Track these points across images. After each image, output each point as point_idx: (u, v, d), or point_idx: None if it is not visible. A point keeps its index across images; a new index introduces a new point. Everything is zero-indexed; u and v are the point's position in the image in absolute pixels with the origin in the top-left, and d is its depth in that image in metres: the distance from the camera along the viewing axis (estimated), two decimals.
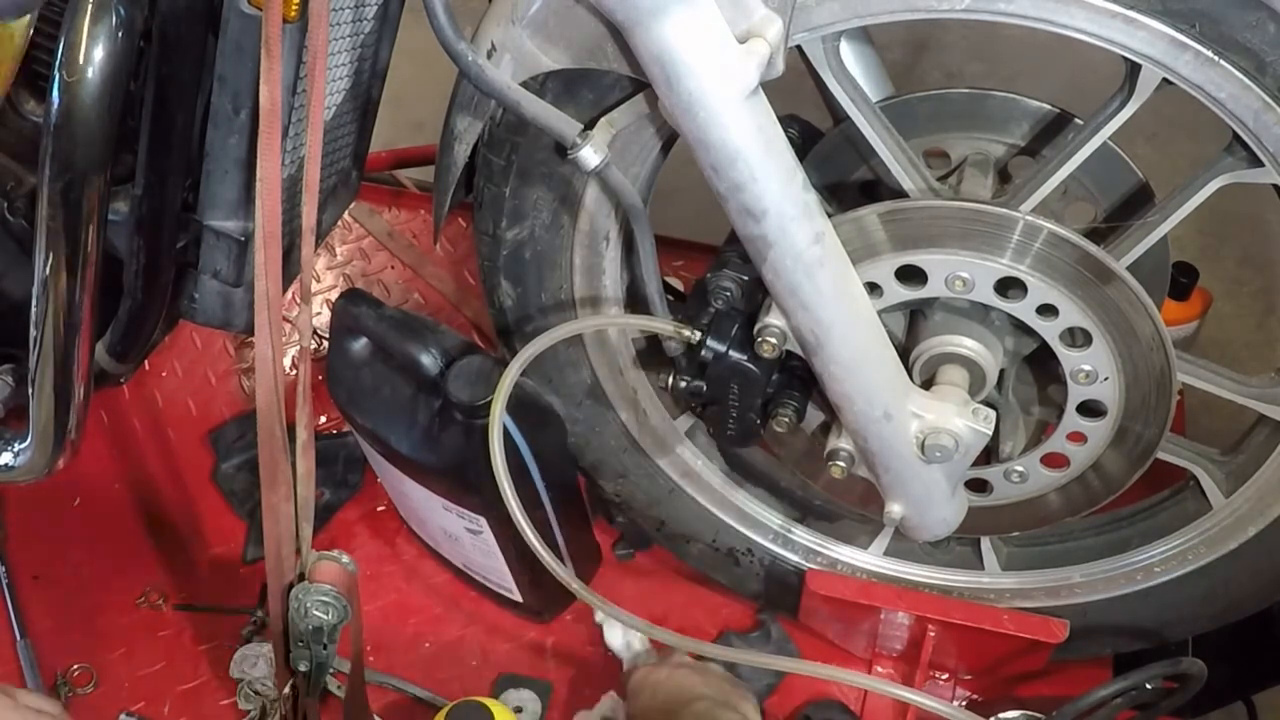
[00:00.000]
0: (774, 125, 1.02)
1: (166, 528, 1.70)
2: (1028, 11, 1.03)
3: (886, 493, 1.24)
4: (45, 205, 1.10)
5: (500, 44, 1.09)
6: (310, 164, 1.09)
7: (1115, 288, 1.14)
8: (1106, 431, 1.24)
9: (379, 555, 1.67)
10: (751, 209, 1.02)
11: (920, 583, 1.47)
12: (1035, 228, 1.13)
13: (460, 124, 1.21)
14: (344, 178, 1.39)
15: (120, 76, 1.07)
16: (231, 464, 1.74)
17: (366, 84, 1.31)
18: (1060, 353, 1.19)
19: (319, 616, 1.23)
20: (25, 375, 1.21)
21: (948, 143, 1.30)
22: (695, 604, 1.61)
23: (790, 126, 1.24)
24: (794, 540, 1.50)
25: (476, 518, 1.43)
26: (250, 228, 1.17)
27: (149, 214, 1.17)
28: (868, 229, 1.17)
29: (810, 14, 1.07)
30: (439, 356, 1.35)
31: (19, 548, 1.66)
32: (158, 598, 1.63)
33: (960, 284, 1.16)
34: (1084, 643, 1.42)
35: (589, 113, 1.15)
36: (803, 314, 1.10)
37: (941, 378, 1.21)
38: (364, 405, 1.41)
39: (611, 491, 1.52)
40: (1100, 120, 1.12)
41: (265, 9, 1.04)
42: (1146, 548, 1.37)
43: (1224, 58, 1.01)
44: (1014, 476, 1.30)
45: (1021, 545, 1.46)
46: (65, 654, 1.57)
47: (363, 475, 1.72)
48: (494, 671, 1.56)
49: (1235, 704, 1.55)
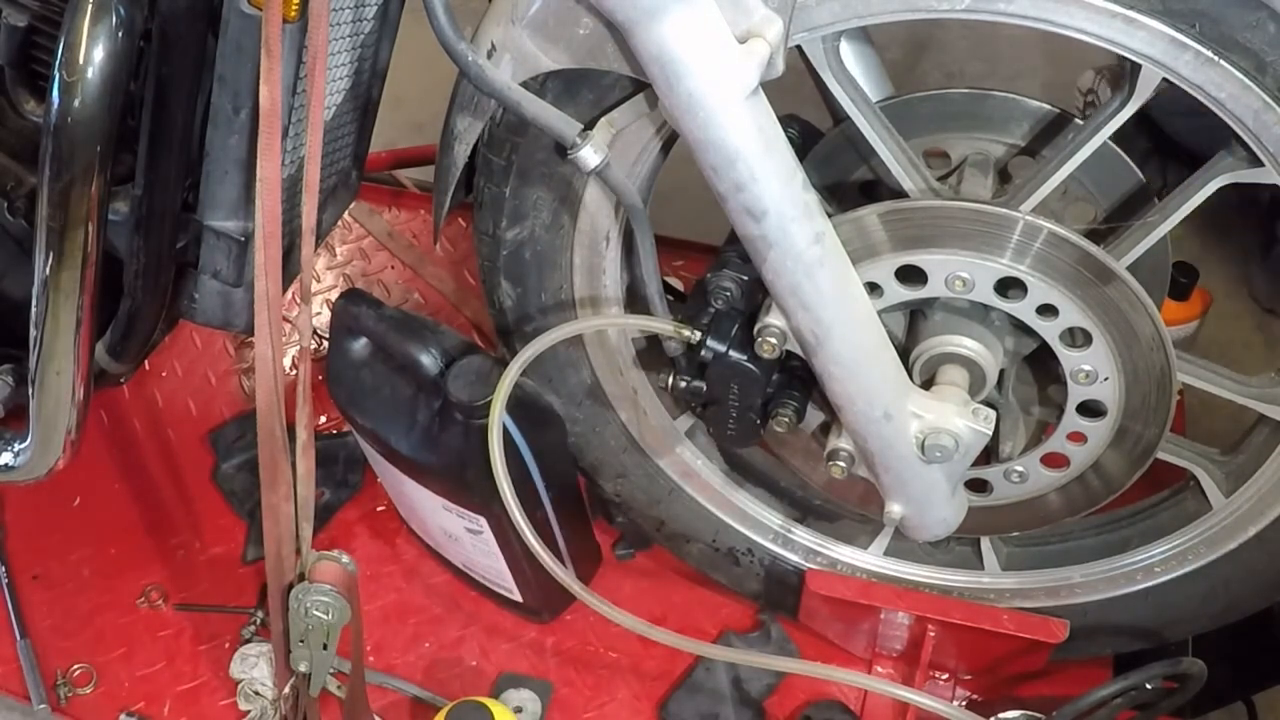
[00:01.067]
0: (774, 125, 1.02)
1: (166, 528, 1.70)
2: (1028, 11, 1.03)
3: (886, 493, 1.24)
4: (45, 205, 1.10)
5: (500, 44, 1.09)
6: (310, 164, 1.09)
7: (1115, 288, 1.14)
8: (1106, 432, 1.24)
9: (379, 555, 1.67)
10: (751, 209, 1.02)
11: (920, 583, 1.47)
12: (1035, 228, 1.13)
13: (460, 124, 1.21)
14: (344, 178, 1.39)
15: (120, 76, 1.07)
16: (231, 464, 1.74)
17: (366, 84, 1.31)
18: (1060, 353, 1.19)
19: (319, 616, 1.23)
20: (25, 375, 1.21)
21: (948, 143, 1.30)
22: (695, 604, 1.61)
23: (790, 126, 1.24)
24: (794, 540, 1.50)
25: (476, 518, 1.43)
26: (250, 228, 1.17)
27: (149, 214, 1.17)
28: (868, 229, 1.17)
29: (810, 14, 1.07)
30: (439, 356, 1.35)
31: (19, 548, 1.66)
32: (158, 598, 1.63)
33: (960, 284, 1.16)
34: (1084, 643, 1.42)
35: (589, 113, 1.15)
36: (803, 314, 1.10)
37: (941, 378, 1.21)
38: (364, 405, 1.41)
39: (611, 491, 1.52)
40: (1100, 120, 1.12)
41: (265, 9, 1.04)
42: (1146, 548, 1.37)
43: (1224, 58, 1.01)
44: (1014, 476, 1.30)
45: (1021, 545, 1.46)
46: (65, 654, 1.57)
47: (363, 475, 1.73)
48: (494, 671, 1.56)
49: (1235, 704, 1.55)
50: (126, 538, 1.68)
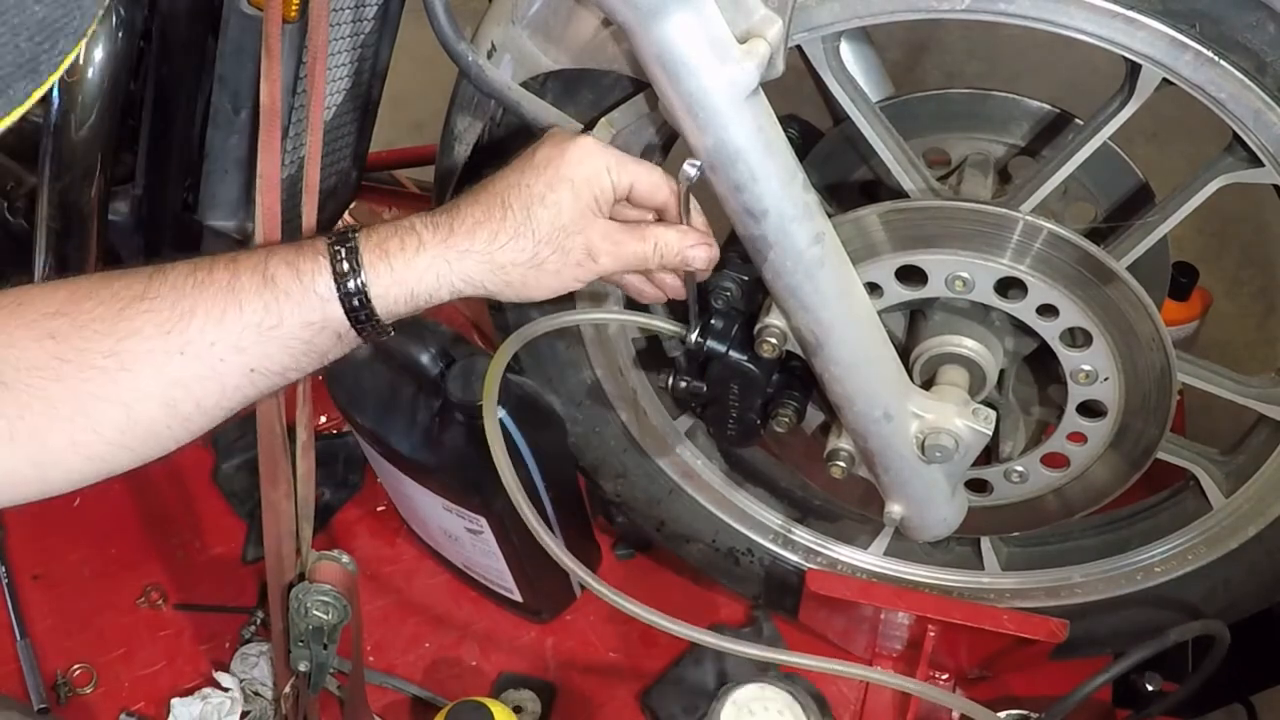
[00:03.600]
0: (774, 125, 1.01)
1: (166, 528, 1.70)
2: (1028, 11, 1.03)
3: (886, 493, 1.24)
4: (45, 205, 1.11)
5: (500, 44, 1.09)
6: (310, 164, 1.09)
7: (1115, 288, 1.14)
8: (1107, 432, 1.24)
9: (379, 555, 1.67)
10: (751, 209, 1.02)
11: (920, 583, 1.47)
12: (1035, 228, 1.13)
13: (460, 124, 1.21)
14: (344, 178, 1.39)
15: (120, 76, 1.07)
16: (231, 464, 1.74)
17: (366, 84, 1.31)
18: (1060, 353, 1.19)
19: (319, 616, 1.23)
20: None
21: (948, 143, 1.30)
22: (695, 604, 1.61)
23: (790, 126, 1.24)
24: (794, 540, 1.50)
25: (476, 518, 1.43)
26: (250, 228, 1.17)
27: (149, 214, 1.17)
28: (868, 229, 1.17)
29: (810, 14, 1.07)
30: (439, 356, 1.35)
31: (19, 548, 1.66)
32: (158, 598, 1.63)
33: (960, 284, 1.16)
34: (1084, 643, 1.42)
35: (589, 113, 1.14)
36: (803, 314, 1.09)
37: (941, 378, 1.21)
38: (364, 405, 1.41)
39: (611, 491, 1.52)
40: (1100, 120, 1.12)
41: (265, 9, 1.04)
42: (1146, 548, 1.37)
43: (1224, 58, 1.01)
44: (1014, 477, 1.30)
45: (1021, 545, 1.46)
46: (65, 654, 1.57)
47: (363, 475, 1.73)
48: (494, 671, 1.56)
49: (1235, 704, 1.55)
50: (126, 538, 1.68)
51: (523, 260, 0.97)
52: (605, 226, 1.00)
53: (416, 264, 0.95)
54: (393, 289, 0.95)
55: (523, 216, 0.96)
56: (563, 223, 0.97)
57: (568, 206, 0.97)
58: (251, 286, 0.92)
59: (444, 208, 0.98)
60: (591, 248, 0.99)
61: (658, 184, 1.01)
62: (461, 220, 0.97)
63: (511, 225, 0.96)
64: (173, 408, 0.93)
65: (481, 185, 0.99)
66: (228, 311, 0.91)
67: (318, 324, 0.94)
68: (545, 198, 0.97)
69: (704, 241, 1.04)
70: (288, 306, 0.92)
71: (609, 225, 1.00)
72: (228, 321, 0.91)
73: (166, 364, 0.91)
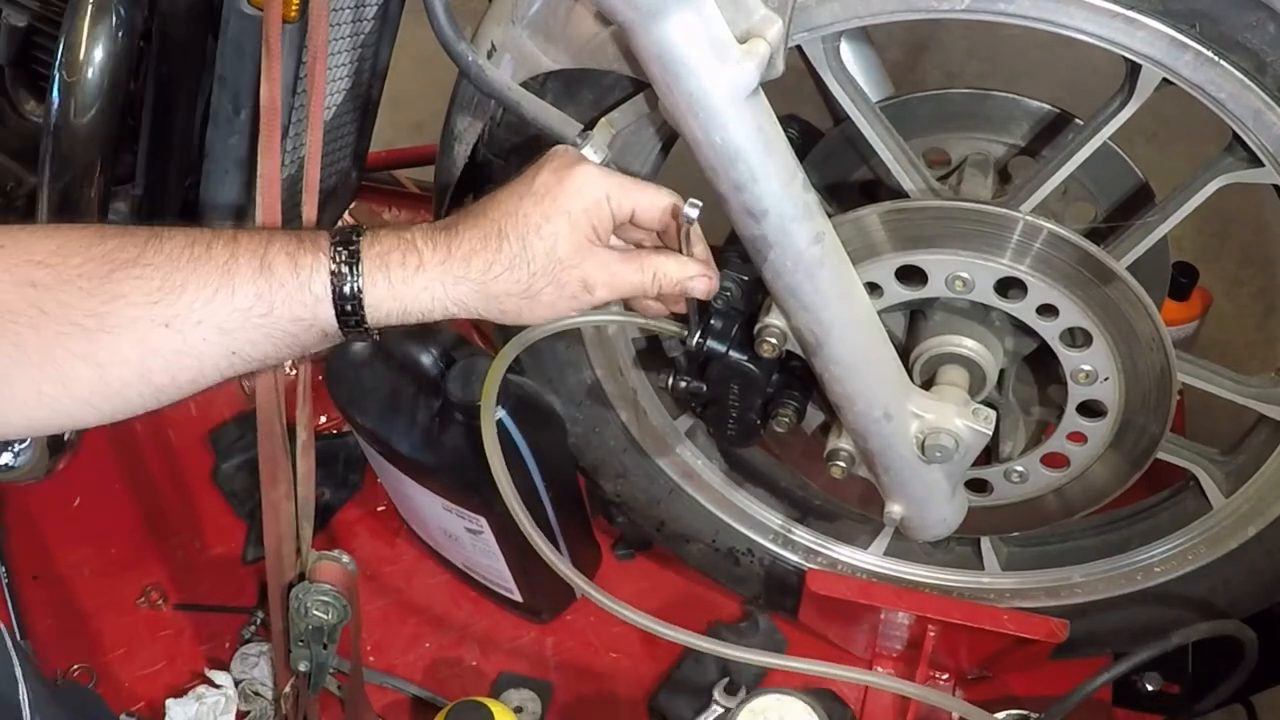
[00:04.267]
0: (774, 125, 1.01)
1: (166, 528, 1.70)
2: (1028, 11, 1.03)
3: (886, 493, 1.24)
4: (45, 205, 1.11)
5: (500, 44, 1.09)
6: (310, 164, 1.09)
7: (1115, 288, 1.14)
8: (1107, 432, 1.24)
9: (379, 555, 1.67)
10: (751, 209, 1.02)
11: (920, 583, 1.47)
12: (1035, 228, 1.13)
13: (460, 124, 1.21)
14: (344, 178, 1.39)
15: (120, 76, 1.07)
16: (231, 464, 1.74)
17: (366, 84, 1.31)
18: (1060, 353, 1.19)
19: (319, 616, 1.24)
20: None
21: (948, 143, 1.30)
22: (694, 604, 1.61)
23: (790, 126, 1.24)
24: (794, 540, 1.50)
25: (476, 518, 1.43)
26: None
27: (149, 214, 1.17)
28: (868, 229, 1.17)
29: (810, 14, 1.07)
30: (439, 356, 1.35)
31: (19, 548, 1.66)
32: (157, 598, 1.63)
33: (960, 284, 1.16)
34: (1084, 643, 1.42)
35: (589, 113, 1.14)
36: (803, 314, 1.09)
37: (941, 378, 1.21)
38: (364, 405, 1.41)
39: (611, 491, 1.52)
40: (1100, 120, 1.12)
41: (265, 9, 1.04)
42: (1146, 548, 1.37)
43: (1224, 58, 1.01)
44: (1014, 477, 1.30)
45: (1021, 545, 1.46)
46: (65, 654, 1.57)
47: (363, 475, 1.73)
48: (494, 671, 1.56)
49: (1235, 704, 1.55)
50: (126, 538, 1.68)
51: (517, 291, 0.96)
52: (603, 258, 0.99)
53: (414, 283, 0.95)
54: (387, 302, 0.95)
55: (518, 247, 0.95)
56: (559, 255, 0.96)
57: (564, 239, 0.96)
58: (248, 271, 0.91)
59: (445, 224, 0.97)
60: (588, 280, 0.98)
61: (662, 208, 1.00)
62: (459, 244, 0.96)
63: (507, 256, 0.95)
64: (147, 377, 0.92)
65: (482, 205, 0.98)
66: (219, 292, 0.90)
67: (307, 320, 0.93)
68: (541, 229, 0.95)
69: (704, 273, 1.03)
70: (280, 298, 0.92)
71: (607, 256, 0.99)
72: (218, 302, 0.90)
73: (149, 334, 0.90)
